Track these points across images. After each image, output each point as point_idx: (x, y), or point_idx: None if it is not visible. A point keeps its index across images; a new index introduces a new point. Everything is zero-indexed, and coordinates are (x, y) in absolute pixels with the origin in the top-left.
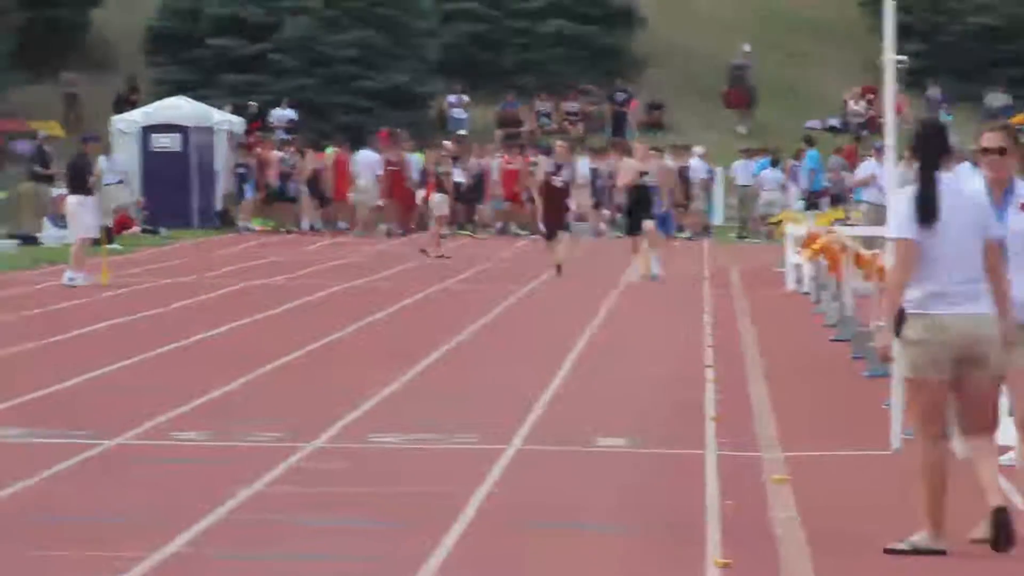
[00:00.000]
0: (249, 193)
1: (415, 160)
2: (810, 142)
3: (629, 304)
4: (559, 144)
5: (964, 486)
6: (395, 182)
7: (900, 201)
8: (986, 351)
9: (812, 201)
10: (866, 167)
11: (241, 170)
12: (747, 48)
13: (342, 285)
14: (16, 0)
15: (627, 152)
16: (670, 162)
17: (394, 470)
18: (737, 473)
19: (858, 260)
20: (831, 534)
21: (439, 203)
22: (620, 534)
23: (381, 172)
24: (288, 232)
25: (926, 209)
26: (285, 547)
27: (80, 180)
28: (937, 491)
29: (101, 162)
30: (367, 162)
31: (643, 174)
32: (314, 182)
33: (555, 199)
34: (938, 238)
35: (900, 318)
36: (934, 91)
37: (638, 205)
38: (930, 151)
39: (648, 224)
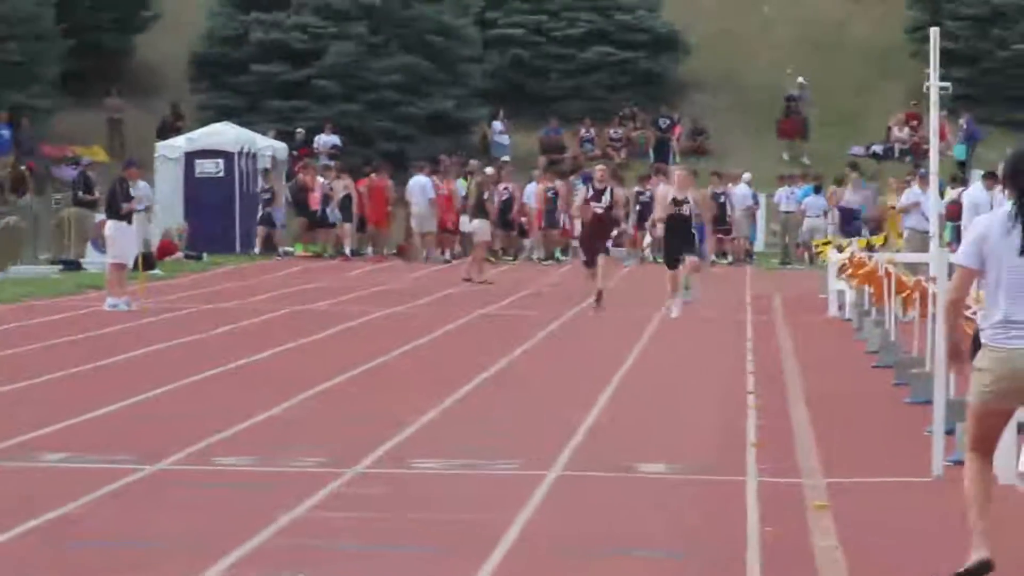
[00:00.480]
0: (279, 219)
1: (458, 187)
2: (855, 168)
3: (671, 330)
4: (599, 168)
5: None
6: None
7: (975, 226)
8: None
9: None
10: (910, 194)
11: (267, 195)
12: (802, 80)
13: (384, 311)
14: (61, 26)
15: (670, 178)
16: (709, 188)
17: (435, 496)
18: (778, 500)
19: (900, 287)
20: (872, 561)
21: (481, 229)
22: (661, 560)
23: (433, 196)
24: (331, 258)
25: None
26: (325, 572)
27: (114, 205)
28: (980, 502)
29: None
30: (420, 187)
31: (679, 202)
32: (351, 207)
33: (595, 226)
34: (1006, 270)
35: (975, 344)
36: (964, 119)
37: (675, 237)
38: None
39: (689, 258)
